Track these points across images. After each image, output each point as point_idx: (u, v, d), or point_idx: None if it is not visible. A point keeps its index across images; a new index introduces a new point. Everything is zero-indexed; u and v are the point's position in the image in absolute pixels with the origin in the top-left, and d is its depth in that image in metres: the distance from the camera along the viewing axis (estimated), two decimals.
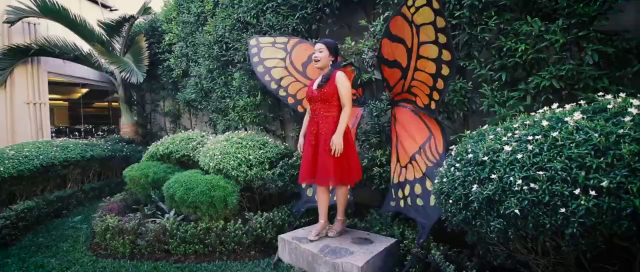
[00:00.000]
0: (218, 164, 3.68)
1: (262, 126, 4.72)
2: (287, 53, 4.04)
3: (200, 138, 4.78)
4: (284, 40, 4.07)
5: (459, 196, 2.09)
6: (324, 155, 2.98)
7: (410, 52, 3.07)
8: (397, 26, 3.07)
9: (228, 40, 4.89)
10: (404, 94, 3.41)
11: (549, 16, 2.69)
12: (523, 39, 2.76)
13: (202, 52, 5.41)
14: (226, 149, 3.82)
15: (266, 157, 3.83)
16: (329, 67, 3.13)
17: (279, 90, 4.03)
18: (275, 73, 4.05)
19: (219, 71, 5.25)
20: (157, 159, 4.86)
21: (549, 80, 2.66)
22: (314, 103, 3.11)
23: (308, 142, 3.12)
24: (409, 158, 3.35)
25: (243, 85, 4.76)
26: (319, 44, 3.13)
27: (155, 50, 6.95)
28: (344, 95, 3.00)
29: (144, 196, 4.43)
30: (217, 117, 5.46)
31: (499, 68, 2.92)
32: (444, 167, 2.38)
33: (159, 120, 8.14)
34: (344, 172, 3.01)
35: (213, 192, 3.39)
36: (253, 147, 3.89)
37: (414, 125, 3.38)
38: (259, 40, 4.17)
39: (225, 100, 5.11)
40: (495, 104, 2.95)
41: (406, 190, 3.30)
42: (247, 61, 4.71)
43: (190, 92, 5.89)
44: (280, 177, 3.77)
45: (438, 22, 2.58)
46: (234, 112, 4.94)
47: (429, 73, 2.99)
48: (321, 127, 3.04)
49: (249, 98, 4.64)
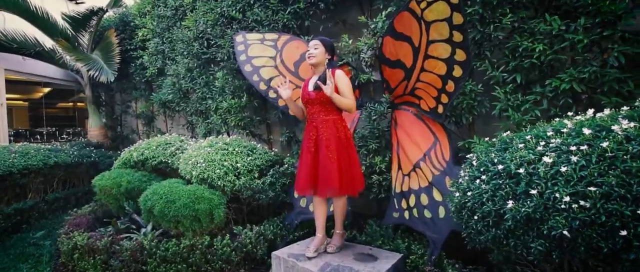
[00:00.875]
0: (202, 173, 3.34)
1: (247, 130, 4.41)
2: (277, 51, 3.75)
3: (179, 143, 4.41)
4: (274, 37, 3.78)
5: (487, 212, 1.88)
6: (326, 162, 2.71)
7: (417, 51, 2.85)
8: (402, 23, 2.85)
9: (210, 36, 4.55)
10: (406, 96, 3.20)
11: (569, 14, 2.54)
12: (540, 39, 2.60)
13: (181, 49, 5.04)
14: (211, 156, 3.49)
15: (255, 165, 3.52)
16: (325, 66, 2.87)
17: (268, 91, 3.73)
18: (265, 73, 3.75)
19: (200, 70, 4.89)
20: (131, 166, 4.45)
21: (568, 84, 2.51)
22: (311, 106, 2.84)
23: (306, 149, 2.84)
24: (412, 165, 3.15)
25: (227, 85, 4.42)
26: (314, 40, 2.87)
27: (126, 47, 6.47)
28: (345, 91, 2.75)
29: (117, 207, 4.02)
30: (197, 120, 5.09)
31: (513, 69, 2.75)
32: (464, 179, 2.16)
33: (130, 123, 7.64)
34: (348, 181, 2.75)
35: (197, 205, 3.06)
36: (240, 154, 3.58)
37: (417, 130, 3.18)
38: (246, 36, 3.86)
39: (207, 101, 4.75)
40: (508, 108, 2.78)
41: (411, 200, 3.08)
42: (231, 59, 4.38)
43: (166, 93, 5.49)
44: (271, 187, 3.47)
45: (455, 19, 2.37)
46: (216, 114, 4.60)
47: (438, 74, 2.79)
48: (321, 132, 2.77)
49: (233, 99, 4.31)
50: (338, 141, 2.77)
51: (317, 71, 2.91)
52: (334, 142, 2.75)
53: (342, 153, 2.76)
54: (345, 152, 2.78)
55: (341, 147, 2.77)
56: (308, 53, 2.85)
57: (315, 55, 2.82)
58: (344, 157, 2.76)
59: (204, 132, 4.91)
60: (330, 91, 2.63)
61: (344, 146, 2.78)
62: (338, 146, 2.75)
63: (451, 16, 2.38)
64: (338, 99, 2.69)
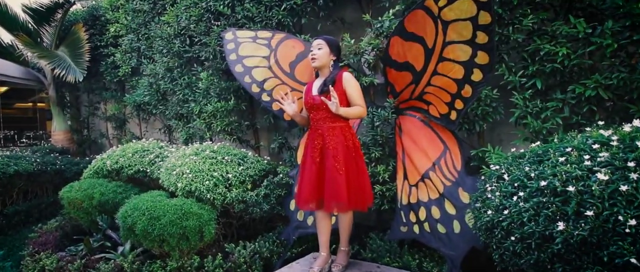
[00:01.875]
0: (189, 185, 3.04)
1: (235, 136, 4.11)
2: (271, 50, 3.49)
3: (158, 150, 4.07)
4: (268, 35, 3.53)
5: (529, 233, 1.70)
6: (333, 174, 2.48)
7: (430, 53, 2.68)
8: (415, 22, 2.67)
9: (193, 33, 4.24)
10: (412, 101, 3.03)
11: (595, 17, 2.43)
12: (563, 42, 2.48)
13: (159, 46, 4.68)
14: (198, 165, 3.19)
15: (248, 175, 3.25)
16: (330, 68, 2.65)
17: (261, 94, 3.47)
18: (258, 74, 3.49)
19: (181, 70, 4.56)
20: (104, 175, 4.07)
21: (593, 90, 2.39)
22: (316, 112, 2.61)
23: (310, 159, 2.61)
24: (420, 175, 2.98)
25: (212, 87, 4.12)
26: (318, 39, 2.65)
27: (96, 44, 6.02)
28: (355, 96, 2.56)
29: (88, 222, 3.65)
30: (177, 124, 4.74)
31: (532, 74, 2.62)
32: (495, 195, 1.99)
33: (99, 126, 7.14)
34: (357, 194, 2.54)
35: (185, 222, 2.76)
36: (231, 163, 3.30)
37: (424, 137, 3.01)
38: (236, 34, 3.58)
39: (189, 104, 4.43)
40: (527, 115, 2.64)
41: (421, 213, 2.90)
42: (217, 59, 4.09)
43: (142, 94, 5.11)
44: (265, 199, 3.21)
45: (481, 18, 2.21)
46: (199, 118, 4.28)
47: (454, 78, 2.63)
48: (328, 140, 2.55)
49: (219, 102, 4.01)
50: (346, 150, 2.55)
51: (322, 74, 2.69)
52: (342, 151, 2.53)
53: (350, 163, 2.55)
54: (354, 162, 2.57)
55: (349, 157, 2.56)
56: (311, 54, 2.63)
57: (318, 56, 2.60)
58: (352, 168, 2.55)
59: (185, 138, 4.57)
60: (336, 107, 2.42)
61: (352, 156, 2.57)
62: (346, 156, 2.54)
63: (477, 15, 2.21)
64: (346, 112, 2.51)
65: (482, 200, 2.15)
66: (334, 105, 2.41)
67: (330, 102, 2.42)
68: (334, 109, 2.43)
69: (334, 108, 2.42)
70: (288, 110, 2.66)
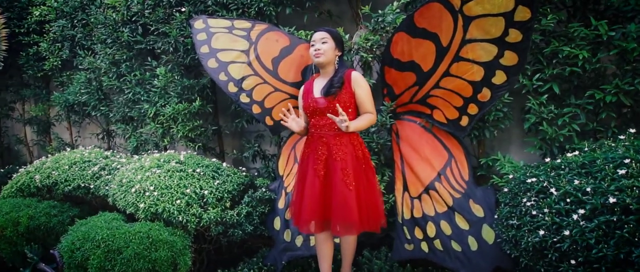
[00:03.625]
0: (154, 205, 2.58)
1: (199, 143, 3.66)
2: (251, 44, 3.13)
3: (103, 161, 3.50)
4: (247, 25, 3.15)
5: (597, 257, 1.56)
6: (342, 190, 2.21)
7: (444, 52, 2.52)
8: (428, 17, 2.50)
9: (148, 20, 3.72)
10: (412, 104, 2.87)
11: (617, 18, 2.41)
12: (582, 45, 2.43)
13: (102, 35, 4.08)
14: (164, 180, 2.74)
15: (226, 191, 2.86)
16: (335, 66, 2.38)
17: (240, 94, 3.09)
18: (235, 70, 3.10)
19: (131, 64, 4.00)
20: (31, 193, 3.42)
21: (614, 96, 2.36)
22: (319, 117, 2.32)
23: (313, 172, 2.31)
24: (424, 187, 2.82)
25: (172, 85, 3.65)
26: (320, 31, 2.37)
27: (14, 30, 5.15)
28: (366, 100, 2.32)
29: (12, 255, 3.00)
30: (124, 129, 4.15)
31: (549, 78, 2.55)
32: (542, 212, 1.84)
33: (14, 130, 6.18)
34: (369, 213, 2.29)
35: (154, 253, 2.31)
36: (205, 177, 2.88)
37: (427, 144, 2.86)
38: (208, 22, 3.17)
39: (141, 105, 3.88)
40: (542, 121, 2.57)
41: (429, 229, 2.73)
42: (179, 51, 3.63)
43: (78, 92, 4.42)
44: (248, 219, 2.84)
45: (519, 14, 2.07)
46: (154, 122, 3.77)
47: (470, 80, 2.49)
48: (334, 151, 2.27)
49: (181, 104, 3.55)
50: (356, 162, 2.30)
51: (325, 72, 2.40)
52: (351, 163, 2.27)
53: (360, 177, 2.30)
54: (364, 175, 2.32)
55: (359, 170, 2.30)
56: (314, 49, 2.34)
57: (324, 51, 2.31)
58: (362, 182, 2.30)
59: (135, 145, 4.00)
60: (346, 127, 2.16)
61: (362, 168, 2.32)
62: (356, 168, 2.29)
63: (514, 10, 2.06)
64: (357, 127, 2.28)
65: (518, 216, 2.00)
66: (344, 124, 2.13)
67: (338, 120, 2.14)
68: (344, 128, 2.15)
69: (343, 127, 2.15)
70: (295, 128, 2.33)
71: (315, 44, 2.34)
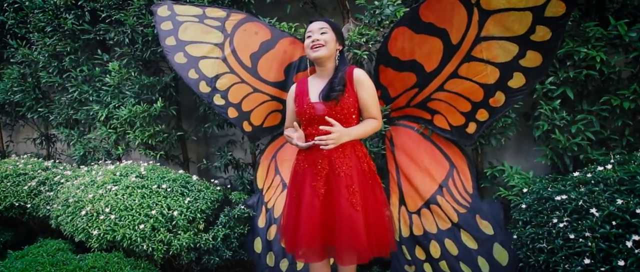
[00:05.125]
0: (111, 232, 2.20)
1: (161, 151, 3.26)
2: (226, 36, 2.79)
3: (43, 173, 3.05)
4: (221, 14, 2.81)
5: None
6: (349, 211, 1.95)
7: (453, 50, 2.35)
8: (437, 10, 2.31)
9: (97, 5, 3.27)
10: (410, 109, 2.69)
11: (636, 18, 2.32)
12: (599, 46, 2.32)
13: (39, 22, 3.58)
14: (122, 200, 2.36)
15: (198, 210, 2.51)
16: (335, 62, 2.11)
17: (213, 95, 2.75)
18: (207, 67, 2.76)
19: (76, 57, 3.53)
20: None
21: (632, 102, 2.27)
22: (318, 125, 2.02)
23: (311, 190, 2.03)
24: (423, 201, 2.65)
25: (128, 83, 3.23)
26: (318, 21, 2.09)
27: None
28: (371, 103, 2.07)
29: None
30: (68, 134, 3.66)
31: (563, 82, 2.42)
32: (585, 237, 1.67)
33: None
34: (379, 236, 2.05)
35: None
36: (172, 194, 2.52)
37: (425, 153, 2.70)
38: (175, 9, 2.80)
39: (89, 106, 3.43)
40: (554, 128, 2.44)
41: (433, 249, 2.56)
42: (137, 44, 3.22)
43: (10, 90, 3.87)
44: (225, 243, 2.51)
45: (551, 9, 1.89)
46: (106, 127, 3.33)
47: (481, 83, 2.33)
48: (337, 164, 2.00)
49: (139, 105, 3.14)
50: (362, 177, 2.05)
51: (322, 70, 2.12)
52: (358, 178, 2.02)
53: (367, 195, 2.05)
54: (372, 192, 2.08)
55: (366, 186, 2.06)
56: (311, 40, 2.05)
57: (324, 42, 2.03)
58: (370, 200, 2.06)
59: (82, 154, 3.53)
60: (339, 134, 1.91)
61: (369, 184, 2.08)
62: (363, 185, 2.04)
63: (545, 5, 1.88)
64: (359, 134, 2.05)
65: (548, 238, 1.83)
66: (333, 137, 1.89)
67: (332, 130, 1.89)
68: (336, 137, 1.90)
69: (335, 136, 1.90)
70: (303, 146, 2.02)
71: (312, 34, 2.05)
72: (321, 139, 1.89)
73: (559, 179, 2.18)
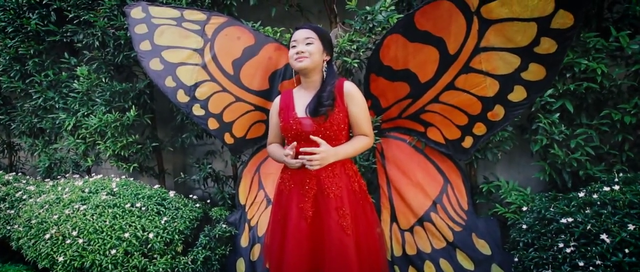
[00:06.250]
0: (79, 258, 2.04)
1: (135, 163, 3.09)
2: (206, 41, 2.66)
3: (4, 188, 2.83)
4: (201, 17, 2.67)
5: None
6: (339, 235, 1.85)
7: (450, 60, 2.28)
8: (434, 17, 2.23)
9: (64, 5, 3.08)
10: (402, 120, 2.63)
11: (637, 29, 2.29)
12: (599, 58, 2.28)
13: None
14: (91, 221, 2.20)
15: (176, 231, 2.36)
16: (322, 74, 1.98)
17: (192, 105, 2.61)
18: (185, 75, 2.62)
19: (41, 61, 3.32)
20: None
21: (633, 117, 2.24)
22: (305, 143, 1.90)
23: (298, 211, 1.91)
24: (416, 218, 2.59)
25: (98, 89, 3.06)
26: (303, 29, 1.95)
27: None
28: (362, 118, 1.96)
29: None
30: (32, 143, 3.45)
31: (562, 94, 2.38)
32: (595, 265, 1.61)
33: None
34: (371, 261, 1.96)
35: None
36: (147, 213, 2.36)
37: (418, 167, 2.64)
38: (150, 11, 2.65)
39: (56, 114, 3.23)
40: (553, 143, 2.39)
41: (428, 270, 2.49)
42: (108, 47, 3.04)
43: None
44: (206, 266, 2.37)
45: (558, 20, 1.83)
46: (73, 136, 3.15)
47: (479, 96, 2.27)
48: (326, 184, 1.89)
49: (110, 113, 2.97)
50: (353, 197, 1.95)
51: (309, 82, 1.99)
52: (348, 200, 1.91)
53: (359, 217, 1.95)
54: (363, 214, 1.98)
55: (357, 207, 1.96)
56: (295, 51, 1.91)
57: (308, 54, 1.90)
58: (361, 223, 1.95)
59: (47, 165, 3.32)
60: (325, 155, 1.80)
61: (360, 205, 1.98)
62: (354, 206, 1.94)
63: (552, 15, 1.81)
64: (347, 153, 1.92)
65: (553, 264, 1.77)
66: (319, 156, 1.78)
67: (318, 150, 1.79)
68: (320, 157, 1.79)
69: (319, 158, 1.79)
70: (295, 165, 1.89)
71: (297, 44, 1.92)
72: (305, 157, 1.77)
73: (560, 198, 2.13)
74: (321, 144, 1.79)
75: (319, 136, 1.86)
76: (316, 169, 1.81)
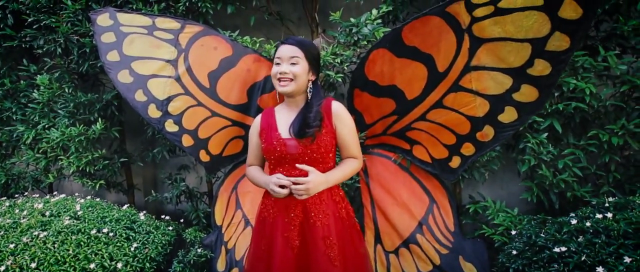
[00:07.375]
0: None
1: (101, 180, 2.92)
2: (180, 51, 2.53)
3: None
4: (174, 25, 2.54)
5: None
6: (326, 267, 1.76)
7: (439, 78, 2.26)
8: (422, 33, 2.20)
9: (23, 7, 2.89)
10: (386, 137, 2.61)
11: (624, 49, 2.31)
12: (588, 78, 2.29)
13: None
14: (52, 250, 2.05)
15: (147, 259, 2.23)
16: (307, 94, 1.89)
17: (164, 120, 2.48)
18: (157, 88, 2.48)
19: None
20: None
21: (621, 138, 2.26)
22: (289, 166, 1.82)
23: (283, 241, 1.83)
24: (402, 239, 2.58)
25: (60, 100, 2.89)
26: (288, 45, 1.85)
27: None
28: (350, 140, 1.89)
29: None
30: None
31: (550, 114, 2.38)
32: None
33: None
34: None
35: None
36: (115, 239, 2.22)
37: (403, 186, 2.63)
38: (118, 18, 2.50)
39: (13, 126, 3.03)
40: (541, 163, 2.39)
41: None
42: (72, 55, 2.88)
43: None
44: None
45: (553, 42, 1.81)
46: (33, 151, 2.96)
47: (468, 115, 2.26)
48: (312, 212, 1.81)
49: (74, 126, 2.80)
50: (340, 225, 1.87)
51: (293, 101, 1.90)
52: (335, 228, 1.84)
53: (346, 246, 1.88)
54: (351, 242, 1.91)
55: (345, 236, 1.89)
56: (278, 71, 1.81)
57: (293, 76, 1.80)
58: (349, 252, 1.89)
59: (4, 182, 3.11)
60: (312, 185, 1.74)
61: (348, 233, 1.91)
62: (341, 235, 1.86)
63: (548, 36, 1.79)
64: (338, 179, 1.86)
65: None
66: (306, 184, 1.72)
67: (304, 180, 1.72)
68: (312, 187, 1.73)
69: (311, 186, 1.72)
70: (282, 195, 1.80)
71: (281, 63, 1.82)
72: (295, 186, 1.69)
73: (550, 222, 2.11)
74: (310, 173, 1.71)
75: (305, 159, 1.78)
76: (304, 198, 1.73)
